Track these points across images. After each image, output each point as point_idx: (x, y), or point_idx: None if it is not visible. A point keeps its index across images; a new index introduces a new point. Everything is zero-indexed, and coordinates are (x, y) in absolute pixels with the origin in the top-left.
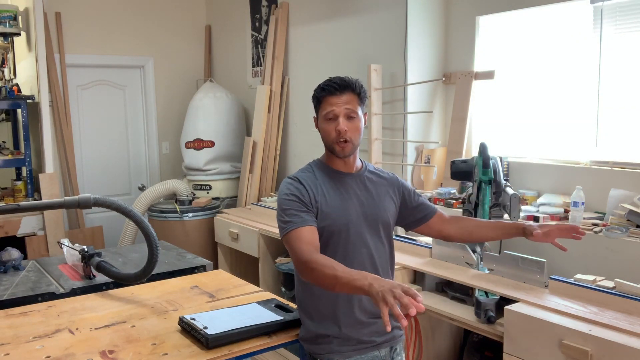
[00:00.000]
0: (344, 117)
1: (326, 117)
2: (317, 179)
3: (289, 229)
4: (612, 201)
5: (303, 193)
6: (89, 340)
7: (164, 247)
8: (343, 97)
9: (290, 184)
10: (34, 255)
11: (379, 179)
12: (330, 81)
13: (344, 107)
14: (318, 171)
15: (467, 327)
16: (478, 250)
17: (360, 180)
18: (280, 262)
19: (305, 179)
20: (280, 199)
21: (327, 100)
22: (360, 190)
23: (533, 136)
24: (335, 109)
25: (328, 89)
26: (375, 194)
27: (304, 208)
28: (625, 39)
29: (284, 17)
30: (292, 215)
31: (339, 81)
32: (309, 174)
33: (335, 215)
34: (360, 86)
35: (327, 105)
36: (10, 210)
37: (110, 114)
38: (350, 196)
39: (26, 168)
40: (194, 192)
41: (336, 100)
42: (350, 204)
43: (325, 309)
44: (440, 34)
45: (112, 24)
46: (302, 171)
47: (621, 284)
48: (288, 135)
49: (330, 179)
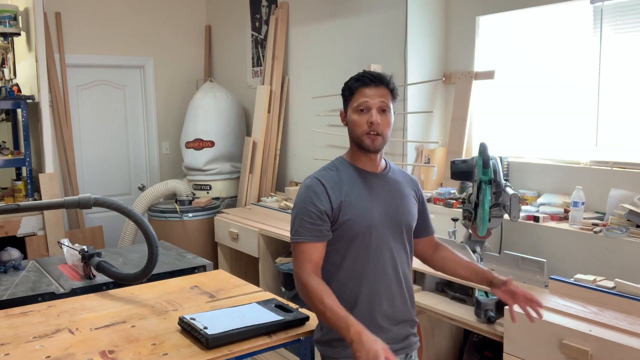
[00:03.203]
0: (377, 109)
1: (358, 108)
2: (341, 179)
3: (298, 239)
4: (612, 201)
5: (323, 200)
6: (89, 340)
7: (164, 247)
8: (378, 91)
9: (311, 187)
10: (34, 255)
11: (403, 179)
12: (366, 72)
13: (379, 99)
14: (342, 170)
15: (467, 327)
16: (478, 250)
17: (385, 181)
18: (280, 262)
19: (329, 180)
20: (299, 202)
21: (361, 92)
22: (385, 192)
23: (533, 136)
24: (369, 100)
25: (363, 80)
26: (400, 196)
27: (319, 220)
28: (625, 39)
29: (284, 17)
30: (304, 227)
31: (374, 74)
32: (332, 174)
33: (359, 217)
34: (393, 84)
35: (360, 96)
36: (10, 210)
37: (110, 114)
38: (374, 197)
39: (26, 168)
40: (194, 192)
41: (370, 92)
42: (375, 205)
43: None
44: (440, 34)
45: (112, 24)
46: (326, 169)
47: (621, 284)
48: (288, 135)
49: (355, 178)
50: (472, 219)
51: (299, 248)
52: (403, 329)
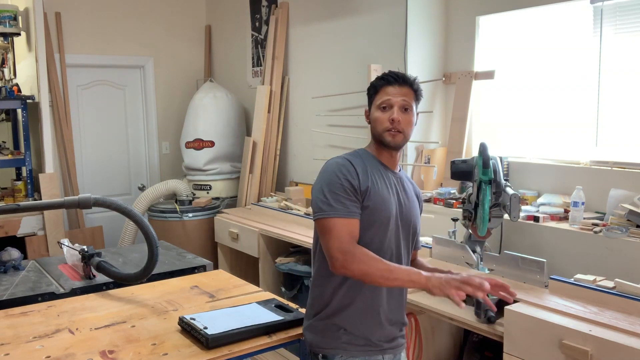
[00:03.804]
0: (399, 107)
1: (380, 105)
2: (367, 165)
3: (331, 214)
4: (612, 201)
5: (354, 177)
6: (89, 340)
7: (164, 247)
8: (402, 89)
9: (343, 165)
10: (34, 255)
11: (411, 185)
12: (391, 72)
13: (401, 97)
14: (366, 159)
15: (467, 327)
16: (478, 250)
17: (400, 181)
18: (280, 262)
19: (357, 163)
20: (330, 178)
21: (384, 90)
22: (400, 191)
23: (533, 136)
24: (391, 98)
25: (387, 79)
26: (411, 198)
27: (353, 196)
28: (625, 39)
29: (284, 17)
30: (338, 202)
31: (399, 73)
32: (357, 159)
33: (381, 206)
34: (418, 84)
35: (384, 94)
36: (10, 210)
37: (110, 114)
38: (392, 191)
39: (26, 168)
40: (194, 192)
41: (393, 91)
42: (393, 200)
43: (347, 298)
44: (440, 34)
45: (112, 24)
46: (351, 155)
47: (621, 284)
48: (288, 135)
49: (378, 170)
50: (472, 219)
51: (333, 223)
52: (395, 330)
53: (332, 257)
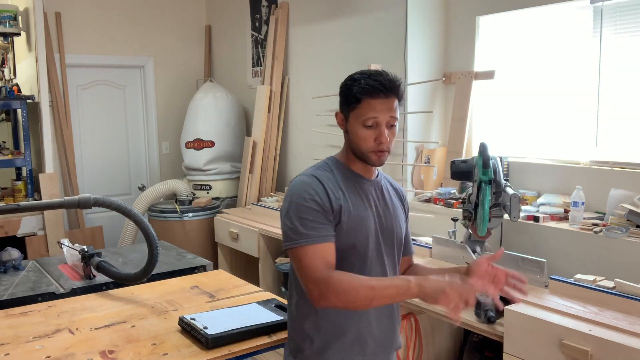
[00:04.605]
0: (387, 125)
1: (365, 122)
2: (338, 181)
3: (301, 242)
4: (612, 201)
5: (323, 198)
6: (89, 340)
7: (164, 247)
8: (389, 103)
9: (309, 184)
10: (34, 255)
11: (392, 189)
12: (376, 81)
13: (390, 115)
14: (337, 171)
15: (467, 327)
16: (478, 250)
17: (378, 188)
18: (280, 262)
19: (325, 179)
20: (297, 202)
21: (369, 104)
22: (379, 200)
23: (533, 136)
24: (379, 116)
25: (373, 91)
26: (392, 206)
27: (324, 219)
28: (625, 40)
29: (284, 17)
30: (309, 227)
31: (387, 83)
32: (328, 173)
33: (357, 225)
34: (401, 89)
35: (369, 109)
36: (10, 210)
37: (110, 114)
38: (369, 204)
39: (26, 168)
40: (194, 192)
41: (381, 107)
42: (370, 214)
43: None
44: (440, 34)
45: (112, 24)
46: (319, 169)
47: (621, 284)
48: (288, 135)
49: (351, 183)
50: (472, 219)
51: (305, 251)
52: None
53: (307, 291)
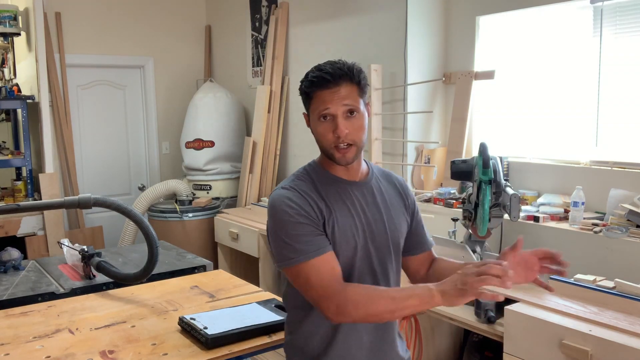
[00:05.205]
0: (343, 116)
1: (319, 116)
2: (318, 188)
3: (301, 260)
4: (612, 201)
5: (308, 209)
6: (89, 340)
7: (164, 247)
8: (339, 91)
9: (289, 197)
10: (34, 255)
11: (389, 186)
12: (321, 71)
13: (342, 103)
14: (317, 179)
15: (467, 327)
16: (478, 250)
17: (367, 190)
18: None
19: (305, 189)
20: (282, 220)
21: (319, 97)
22: (368, 204)
23: (533, 136)
24: (330, 107)
25: (319, 82)
26: (386, 207)
27: (316, 230)
28: (625, 40)
29: (284, 17)
30: (303, 242)
31: (331, 69)
32: (307, 182)
33: (342, 238)
34: (358, 72)
35: (320, 102)
36: (10, 210)
37: (110, 114)
38: (356, 212)
39: (26, 168)
40: (194, 192)
41: (331, 97)
42: (358, 221)
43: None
44: (440, 34)
45: (112, 24)
46: (299, 178)
47: (621, 284)
48: (288, 135)
49: (333, 189)
50: (472, 219)
51: (307, 267)
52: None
53: (322, 309)
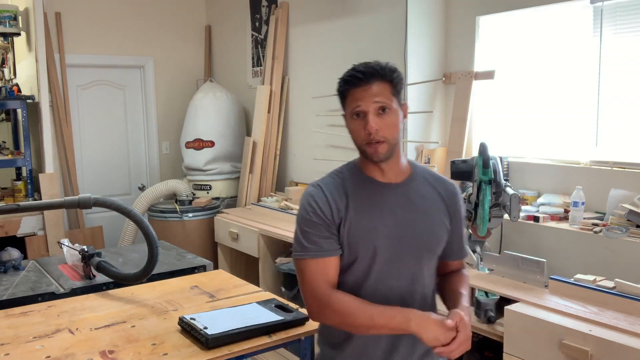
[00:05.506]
0: (374, 112)
1: (352, 114)
2: (346, 188)
3: (304, 256)
4: (612, 201)
5: (325, 211)
6: (89, 340)
7: (164, 247)
8: (372, 89)
9: (312, 195)
10: (34, 255)
11: (432, 190)
12: (354, 70)
13: (373, 100)
14: (349, 178)
15: None
16: (478, 250)
17: (401, 193)
18: (280, 262)
19: (331, 188)
20: (302, 214)
21: (352, 95)
22: (401, 207)
23: (533, 136)
24: (361, 104)
25: (351, 81)
26: (423, 211)
27: (327, 233)
28: (625, 39)
29: (284, 17)
30: (311, 241)
31: (363, 68)
32: (337, 181)
33: (361, 238)
34: (391, 71)
35: (352, 100)
36: (10, 210)
37: (110, 114)
38: (384, 214)
39: (26, 168)
40: (194, 192)
41: (362, 94)
42: (382, 224)
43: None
44: (440, 34)
45: (112, 24)
46: (331, 176)
47: (621, 284)
48: (288, 135)
49: (362, 189)
50: (472, 219)
51: (306, 265)
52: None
53: (306, 304)
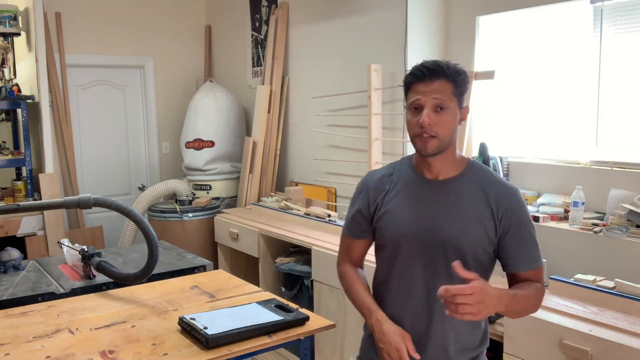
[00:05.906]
0: (431, 108)
1: (411, 106)
2: (392, 181)
3: (343, 232)
4: (612, 201)
5: (364, 199)
6: (89, 340)
7: (164, 247)
8: (433, 85)
9: (361, 182)
10: (34, 255)
11: (479, 193)
12: (421, 65)
13: (432, 96)
14: (399, 171)
15: None
16: None
17: (442, 190)
18: (280, 262)
19: (378, 179)
20: (353, 196)
21: (414, 89)
22: (435, 204)
23: (533, 136)
24: (421, 98)
25: (416, 74)
26: (457, 210)
27: (361, 218)
28: (625, 39)
29: (284, 17)
30: (348, 221)
31: (430, 65)
32: (388, 171)
33: (389, 227)
34: (456, 72)
35: (413, 94)
36: (10, 210)
37: (110, 114)
38: (418, 208)
39: (26, 168)
40: (194, 192)
41: (424, 88)
42: (413, 217)
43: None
44: (440, 34)
45: (112, 24)
46: (386, 167)
47: (621, 284)
48: (288, 135)
49: (406, 183)
50: None
51: (342, 238)
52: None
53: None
